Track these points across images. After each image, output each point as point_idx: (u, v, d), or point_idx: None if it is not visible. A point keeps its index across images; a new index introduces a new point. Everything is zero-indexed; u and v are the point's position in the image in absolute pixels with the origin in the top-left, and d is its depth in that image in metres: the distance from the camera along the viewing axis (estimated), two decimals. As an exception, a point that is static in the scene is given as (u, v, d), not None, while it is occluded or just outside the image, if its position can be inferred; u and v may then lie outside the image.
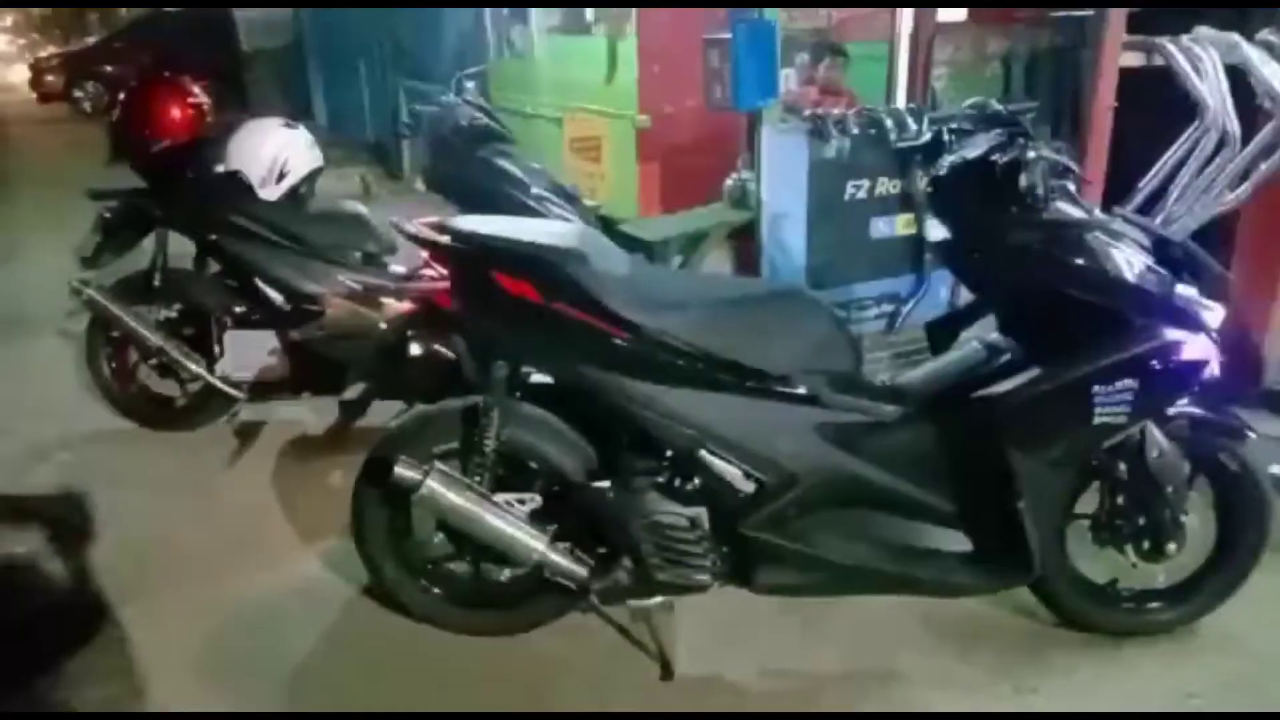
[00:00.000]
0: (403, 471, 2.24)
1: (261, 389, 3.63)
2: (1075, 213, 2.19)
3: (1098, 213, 2.33)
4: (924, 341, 2.57)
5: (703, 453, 2.17)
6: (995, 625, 2.56)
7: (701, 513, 2.28)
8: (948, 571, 2.29)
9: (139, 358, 3.71)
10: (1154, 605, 2.50)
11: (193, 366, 3.56)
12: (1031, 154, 2.11)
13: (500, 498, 2.31)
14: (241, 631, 2.63)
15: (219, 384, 3.57)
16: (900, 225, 3.98)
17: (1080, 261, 2.14)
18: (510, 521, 2.28)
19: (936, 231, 2.32)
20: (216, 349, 3.58)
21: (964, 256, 2.35)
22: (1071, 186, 2.25)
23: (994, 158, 2.16)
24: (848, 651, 2.52)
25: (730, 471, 2.18)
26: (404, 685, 2.43)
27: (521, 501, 2.32)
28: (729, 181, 4.16)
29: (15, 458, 3.58)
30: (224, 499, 3.30)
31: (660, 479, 2.28)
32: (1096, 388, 2.14)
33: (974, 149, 2.24)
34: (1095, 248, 2.15)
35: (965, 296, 2.74)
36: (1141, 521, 2.33)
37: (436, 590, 2.54)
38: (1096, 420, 2.16)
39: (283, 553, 2.98)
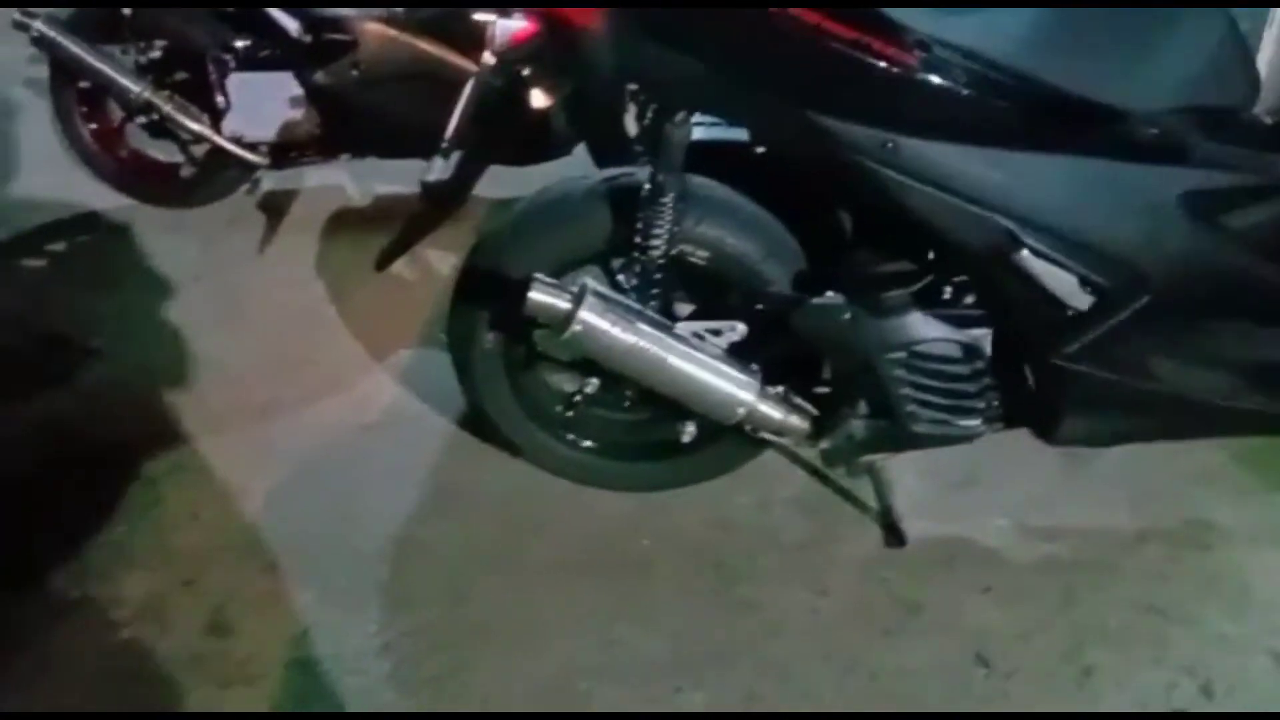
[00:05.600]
0: (542, 298, 1.48)
1: (285, 150, 2.78)
2: None
3: None
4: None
5: (1023, 253, 1.37)
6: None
7: (983, 336, 1.53)
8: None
9: (124, 114, 2.84)
10: None
11: (192, 124, 2.71)
12: None
13: (685, 327, 1.55)
14: (298, 488, 1.96)
15: (229, 145, 2.72)
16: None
17: None
18: (706, 364, 1.53)
19: None
20: (219, 99, 2.70)
21: None
22: None
23: None
24: (1134, 496, 1.86)
25: (1060, 280, 1.40)
26: (542, 564, 1.80)
27: (716, 333, 1.56)
28: None
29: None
30: (257, 299, 2.55)
31: (917, 289, 1.51)
32: None
33: None
34: None
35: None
36: None
37: (583, 442, 1.85)
38: None
39: (345, 373, 2.28)
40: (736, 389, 1.54)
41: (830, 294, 1.51)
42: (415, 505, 1.92)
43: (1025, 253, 1.36)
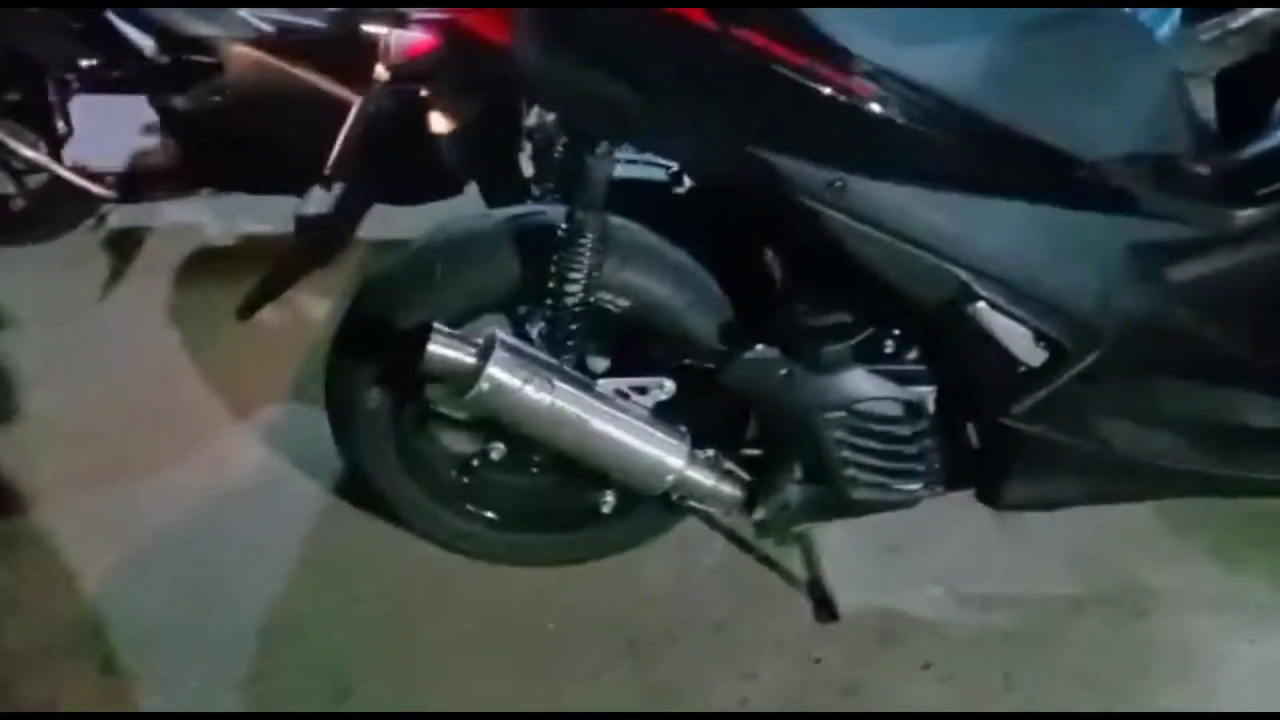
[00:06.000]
0: (443, 351, 1.28)
1: (136, 182, 2.47)
2: None
3: None
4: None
5: (977, 305, 1.26)
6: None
7: (927, 394, 1.41)
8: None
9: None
10: None
11: (26, 150, 2.39)
12: None
13: (608, 385, 1.38)
14: (145, 567, 1.69)
15: (70, 176, 2.40)
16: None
17: None
18: (632, 427, 1.36)
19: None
20: (60, 124, 2.40)
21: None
22: None
23: None
24: (1065, 558, 1.78)
25: (1013, 334, 1.29)
26: (436, 648, 1.58)
27: (641, 391, 1.40)
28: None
29: None
30: (99, 348, 2.24)
31: (857, 343, 1.38)
32: None
33: None
34: None
35: None
36: None
37: (482, 513, 1.64)
38: None
39: (202, 432, 2.01)
40: (665, 454, 1.37)
41: (761, 347, 1.37)
42: (285, 584, 1.68)
43: (980, 305, 1.25)
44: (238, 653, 1.55)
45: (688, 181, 1.58)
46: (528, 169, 2.21)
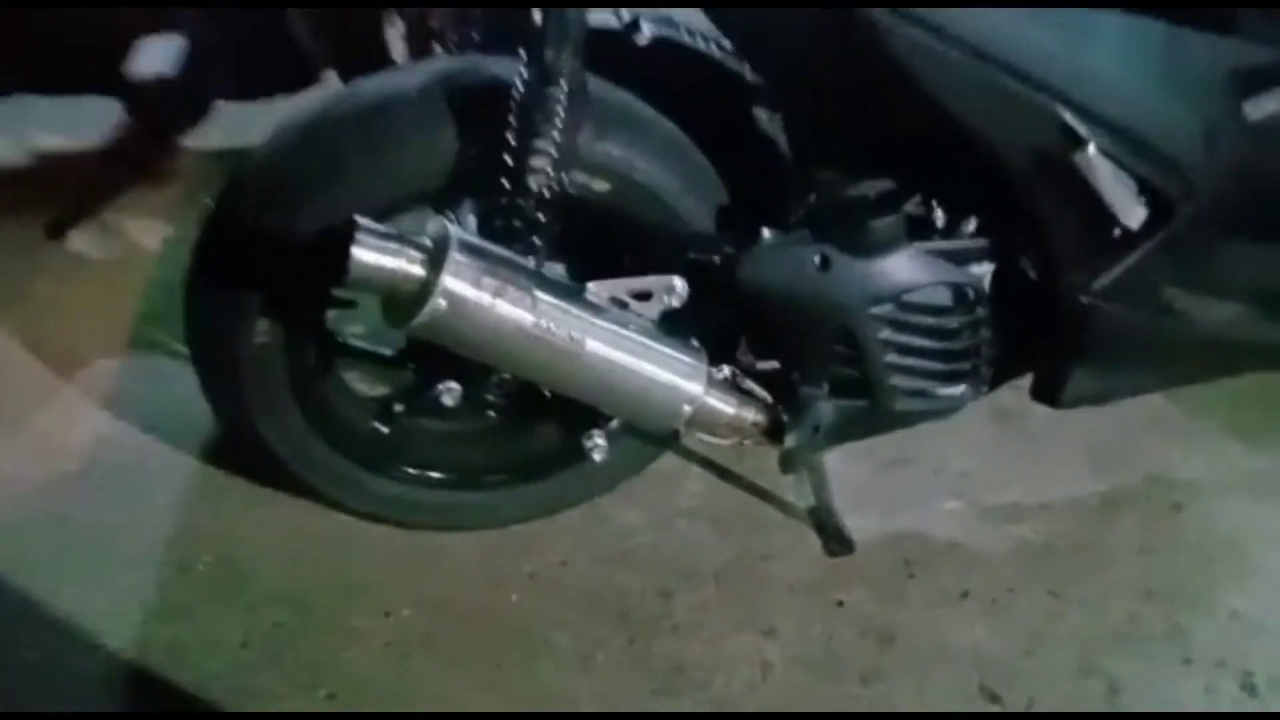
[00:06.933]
0: (373, 259, 0.91)
1: None
2: None
3: None
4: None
5: (1086, 152, 0.97)
6: None
7: (985, 276, 1.14)
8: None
9: None
10: None
11: None
12: None
13: (601, 290, 1.03)
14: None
15: None
16: None
17: None
18: (642, 347, 1.03)
19: None
20: None
21: None
22: None
23: None
24: (1082, 456, 1.58)
25: (1117, 188, 1.02)
26: (373, 646, 1.23)
27: (644, 296, 1.05)
28: None
29: None
30: None
31: (904, 218, 1.09)
32: None
33: None
34: None
35: None
36: None
37: (422, 470, 1.28)
38: None
39: (19, 407, 1.54)
40: (681, 380, 1.05)
41: (778, 233, 1.06)
42: (154, 590, 1.27)
43: (1084, 150, 0.97)
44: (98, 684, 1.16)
45: (647, 30, 1.22)
46: (397, 50, 1.81)
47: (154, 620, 1.22)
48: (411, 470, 1.29)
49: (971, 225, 1.12)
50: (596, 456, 1.18)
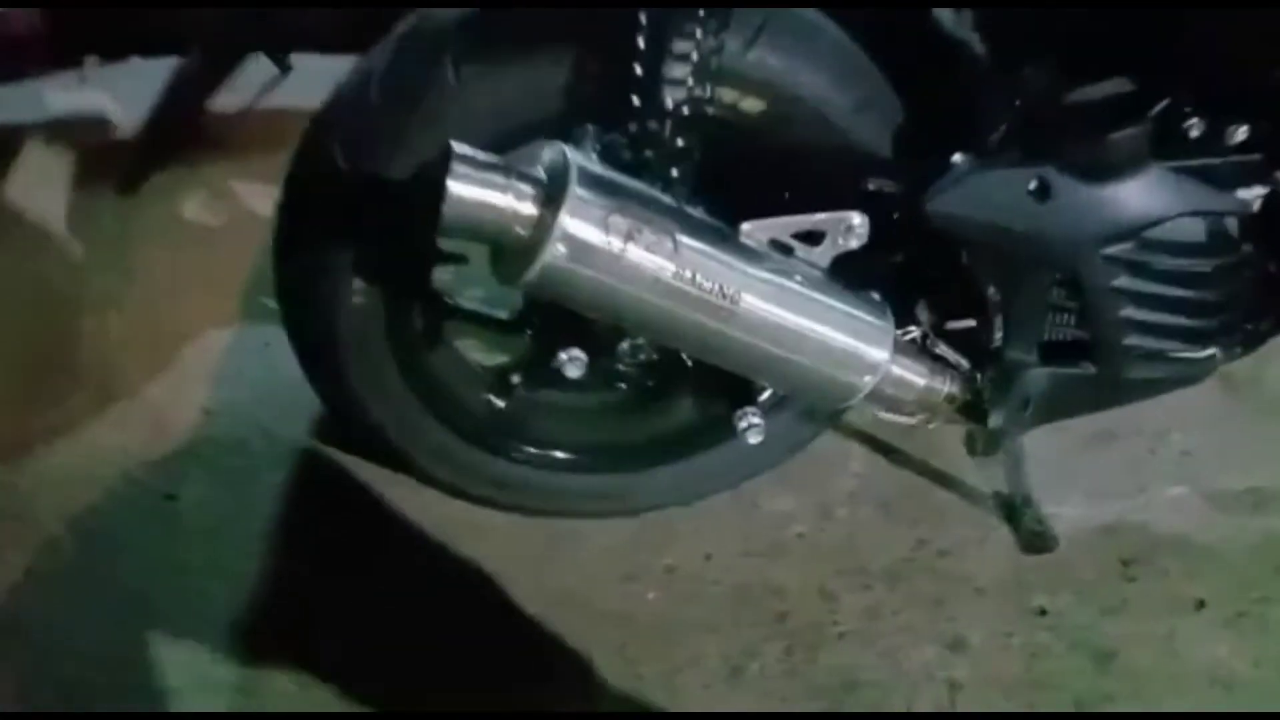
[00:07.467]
0: (477, 194, 0.72)
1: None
2: None
3: None
4: None
5: None
6: None
7: (1252, 202, 0.89)
8: None
9: None
10: None
11: None
12: None
13: (758, 231, 0.83)
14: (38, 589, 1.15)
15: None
16: None
17: None
18: (818, 305, 0.82)
19: None
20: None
21: None
22: None
23: None
24: None
25: None
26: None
27: (814, 238, 0.85)
28: None
29: None
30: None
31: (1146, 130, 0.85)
32: None
33: None
34: None
35: None
36: None
37: (544, 450, 1.11)
38: None
39: (114, 385, 1.44)
40: (865, 345, 0.84)
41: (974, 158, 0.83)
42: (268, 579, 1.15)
43: None
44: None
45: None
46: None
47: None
48: (532, 450, 1.12)
49: (1239, 135, 0.86)
50: (751, 439, 0.97)
